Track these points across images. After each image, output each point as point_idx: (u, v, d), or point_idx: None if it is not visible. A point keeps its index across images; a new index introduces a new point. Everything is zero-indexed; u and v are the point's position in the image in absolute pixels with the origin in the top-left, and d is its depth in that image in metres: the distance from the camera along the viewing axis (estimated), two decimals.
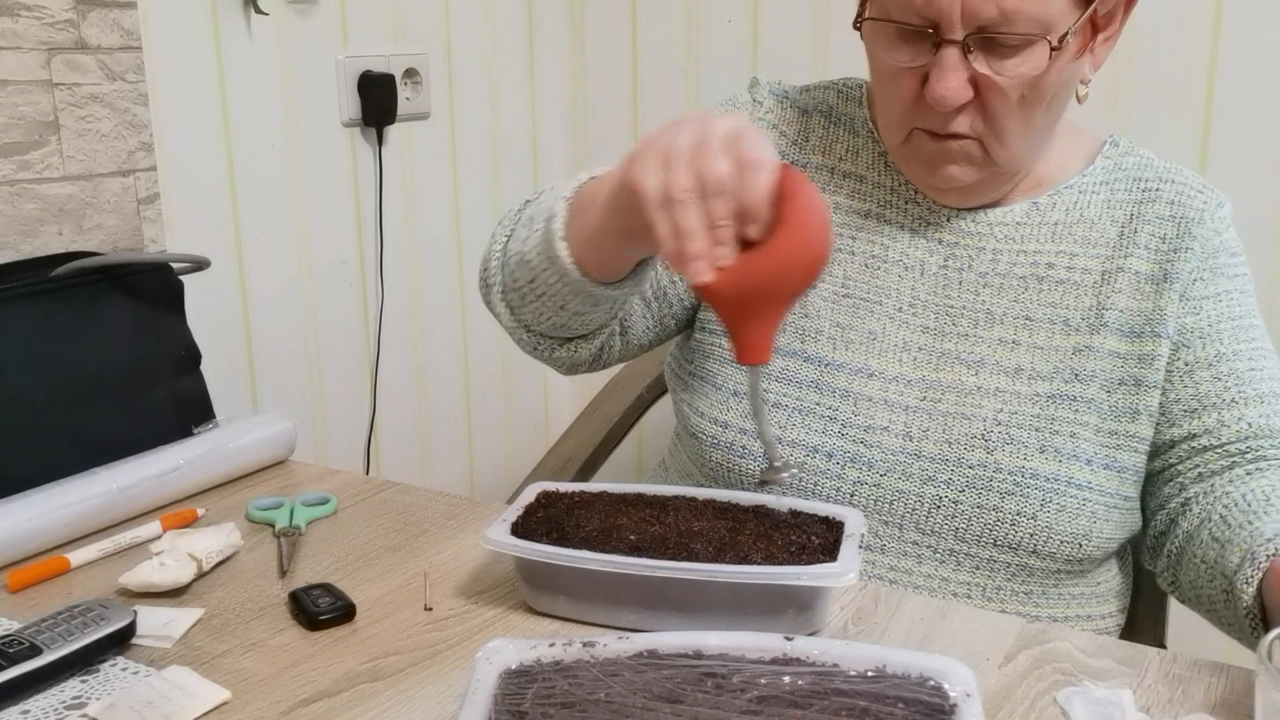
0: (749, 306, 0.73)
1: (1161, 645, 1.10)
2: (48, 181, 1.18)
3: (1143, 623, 1.08)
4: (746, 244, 0.72)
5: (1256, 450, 0.90)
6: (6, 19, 1.13)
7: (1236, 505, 0.86)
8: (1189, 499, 0.92)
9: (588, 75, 1.91)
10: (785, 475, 0.79)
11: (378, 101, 1.53)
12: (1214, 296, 0.94)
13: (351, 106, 1.52)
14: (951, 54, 0.86)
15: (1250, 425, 0.91)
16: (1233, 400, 0.92)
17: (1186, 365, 0.93)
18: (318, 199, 1.50)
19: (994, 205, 0.99)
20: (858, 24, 0.93)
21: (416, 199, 1.65)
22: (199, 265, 1.19)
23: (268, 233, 1.44)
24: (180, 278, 1.17)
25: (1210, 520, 0.88)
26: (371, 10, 1.54)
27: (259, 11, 1.37)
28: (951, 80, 0.86)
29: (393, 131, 1.58)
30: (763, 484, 0.82)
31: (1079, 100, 0.94)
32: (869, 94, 1.05)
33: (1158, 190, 0.97)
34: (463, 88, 1.70)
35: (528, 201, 0.97)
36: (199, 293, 1.25)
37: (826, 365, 0.97)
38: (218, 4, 1.34)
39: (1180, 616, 1.11)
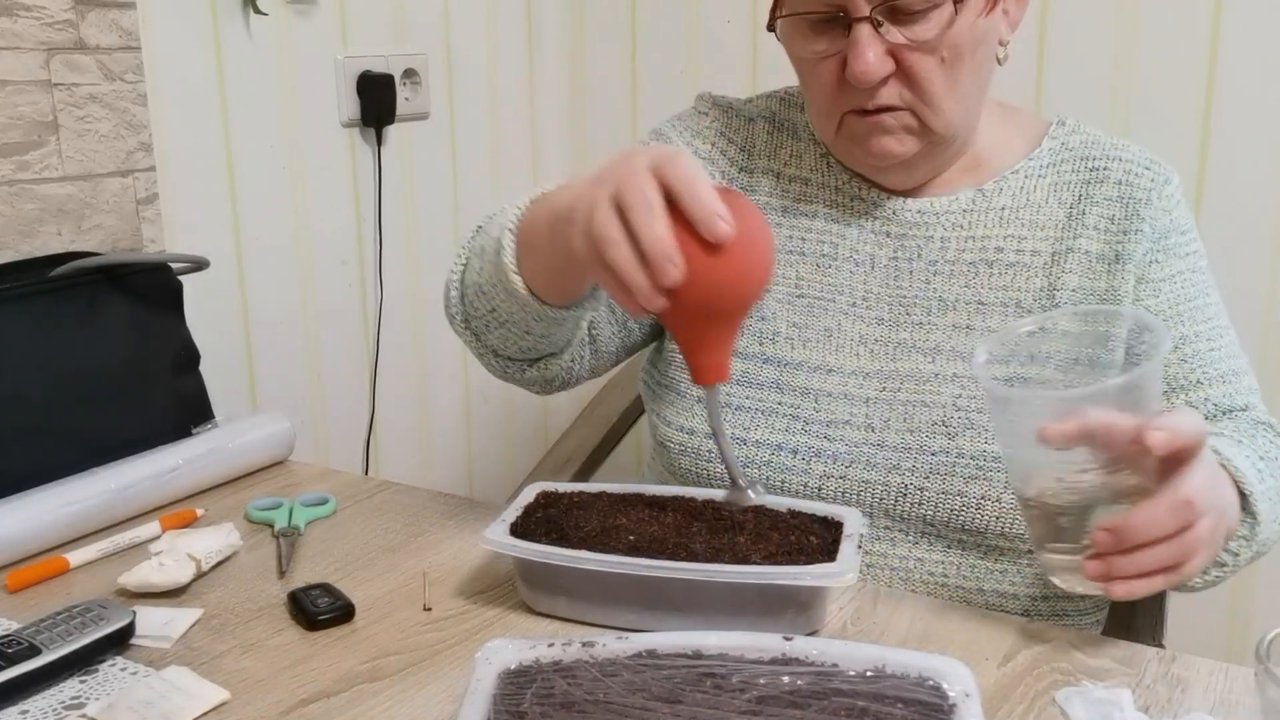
0: (701, 326, 0.74)
1: (1161, 645, 1.10)
2: (47, 181, 1.18)
3: (1142, 623, 1.08)
4: (693, 266, 0.71)
5: (1217, 431, 0.92)
6: (6, 19, 1.12)
7: None
8: None
9: (588, 75, 1.90)
10: (750, 494, 0.81)
11: (377, 101, 1.53)
12: (1170, 279, 0.96)
13: (351, 107, 1.52)
14: (863, 30, 0.89)
15: (1215, 405, 0.94)
16: (1197, 381, 0.94)
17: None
18: (317, 199, 1.50)
19: (939, 194, 1.00)
20: (771, 26, 0.96)
21: (416, 199, 1.65)
22: (198, 265, 1.19)
23: (267, 233, 1.44)
24: (179, 278, 1.17)
25: None
26: (371, 10, 1.54)
27: (258, 12, 1.37)
28: (869, 55, 0.88)
29: (392, 132, 1.58)
30: (729, 503, 0.83)
31: (1000, 62, 0.96)
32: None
33: (1105, 169, 0.98)
34: (462, 88, 1.70)
35: (479, 228, 0.97)
36: (198, 293, 1.24)
37: (785, 365, 0.99)
38: (217, 4, 1.34)
39: (1180, 617, 1.11)
